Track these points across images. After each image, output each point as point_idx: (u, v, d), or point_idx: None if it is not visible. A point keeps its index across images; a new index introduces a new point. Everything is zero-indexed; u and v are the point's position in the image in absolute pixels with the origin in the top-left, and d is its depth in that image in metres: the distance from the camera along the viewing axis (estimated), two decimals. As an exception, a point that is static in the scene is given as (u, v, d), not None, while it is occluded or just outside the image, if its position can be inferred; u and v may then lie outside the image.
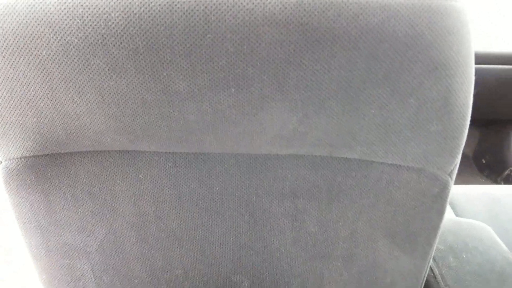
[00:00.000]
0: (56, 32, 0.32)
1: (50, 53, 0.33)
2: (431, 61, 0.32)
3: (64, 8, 0.31)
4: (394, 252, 0.47)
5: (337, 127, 0.37)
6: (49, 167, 0.42)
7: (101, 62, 0.32)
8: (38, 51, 0.33)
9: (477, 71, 0.38)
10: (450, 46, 0.32)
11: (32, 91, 0.35)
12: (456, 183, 0.47)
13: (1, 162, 0.42)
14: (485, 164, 1.81)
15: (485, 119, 1.72)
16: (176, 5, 0.30)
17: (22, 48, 0.33)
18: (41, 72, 0.34)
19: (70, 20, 0.31)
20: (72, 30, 0.31)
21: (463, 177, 1.77)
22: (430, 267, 0.60)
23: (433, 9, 0.31)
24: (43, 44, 0.32)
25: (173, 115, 0.36)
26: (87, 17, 0.31)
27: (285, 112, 0.35)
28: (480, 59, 1.43)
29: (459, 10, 0.32)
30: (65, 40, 0.32)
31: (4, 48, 0.33)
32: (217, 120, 0.36)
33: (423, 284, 0.51)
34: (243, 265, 0.49)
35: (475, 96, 0.40)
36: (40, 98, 0.36)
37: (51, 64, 0.33)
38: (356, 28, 0.30)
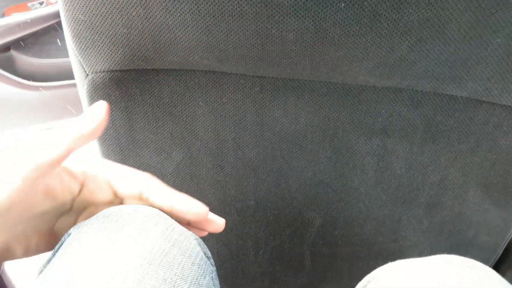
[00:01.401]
0: None
1: None
2: None
3: None
4: (485, 204, 0.43)
5: (452, 57, 0.32)
6: (134, 83, 0.41)
7: None
8: None
9: None
10: None
11: None
12: None
13: (88, 75, 0.41)
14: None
15: None
16: None
17: None
18: None
19: None
20: None
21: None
22: None
23: None
24: None
25: (270, 32, 0.33)
26: None
27: (397, 34, 0.31)
28: None
29: None
30: None
31: None
32: (317, 41, 0.33)
33: (508, 242, 0.48)
34: (317, 202, 0.47)
35: None
36: (132, 6, 0.34)
37: None
38: None
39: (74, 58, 0.41)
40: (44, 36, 1.40)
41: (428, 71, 0.34)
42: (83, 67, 0.41)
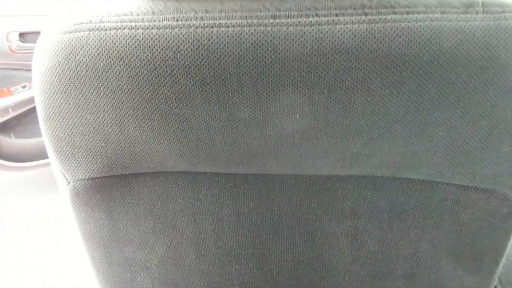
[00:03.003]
0: (126, 64, 0.32)
1: (119, 84, 0.34)
2: (506, 83, 0.31)
3: (135, 42, 0.32)
4: (457, 271, 0.45)
5: (402, 149, 0.36)
6: (114, 187, 0.43)
7: (169, 91, 0.33)
8: (108, 81, 0.34)
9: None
10: None
11: (101, 118, 0.36)
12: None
13: (69, 182, 0.44)
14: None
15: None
16: (244, 36, 0.30)
17: (93, 79, 0.34)
18: (111, 100, 0.35)
19: (140, 52, 0.32)
20: (141, 62, 0.32)
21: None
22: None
23: (510, 30, 0.29)
24: (113, 75, 0.33)
25: (236, 141, 0.36)
26: (157, 49, 0.31)
27: (350, 136, 0.35)
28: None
29: None
30: (134, 71, 0.33)
31: (77, 79, 0.34)
32: (280, 145, 0.36)
33: None
34: (300, 282, 0.48)
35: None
36: (108, 125, 0.37)
37: (120, 93, 0.34)
38: (428, 53, 0.29)
39: (55, 168, 0.43)
40: (27, 116, 1.43)
41: (383, 161, 0.37)
42: (64, 176, 0.43)
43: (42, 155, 1.49)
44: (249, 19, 0.30)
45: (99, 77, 0.34)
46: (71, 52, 0.33)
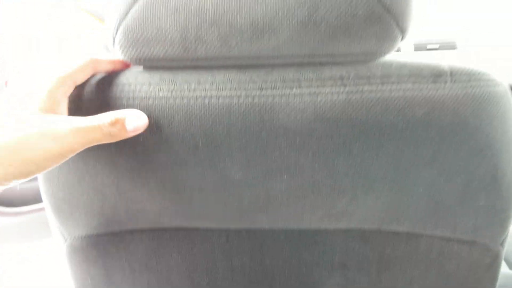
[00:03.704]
0: None
1: (118, 149, 0.36)
2: (477, 144, 0.33)
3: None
4: None
5: (385, 205, 0.38)
6: (110, 243, 0.44)
7: (164, 156, 0.35)
8: (107, 147, 0.36)
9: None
10: (495, 129, 0.33)
11: (99, 179, 0.38)
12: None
13: (66, 240, 0.45)
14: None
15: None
16: (233, 107, 0.33)
17: (93, 145, 0.36)
18: (109, 164, 0.37)
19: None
20: None
21: None
22: None
23: (476, 97, 0.32)
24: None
25: (227, 200, 0.38)
26: (153, 118, 0.34)
27: (335, 194, 0.37)
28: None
29: (501, 94, 0.33)
30: (132, 138, 0.35)
31: None
32: (269, 203, 0.38)
33: None
34: None
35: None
36: (106, 186, 0.39)
37: (119, 158, 0.36)
38: (403, 120, 0.32)
39: (53, 225, 0.45)
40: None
41: (368, 216, 0.39)
42: (62, 234, 0.44)
43: (36, 199, 1.49)
44: (237, 91, 0.33)
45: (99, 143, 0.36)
46: None
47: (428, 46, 1.35)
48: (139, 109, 0.34)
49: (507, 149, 0.34)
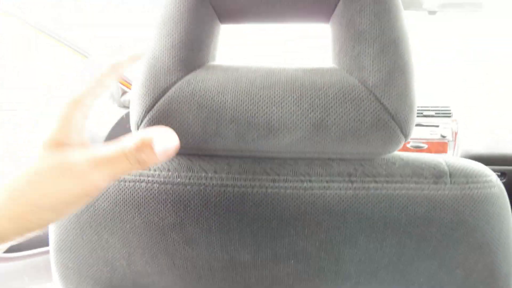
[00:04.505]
0: (140, 212, 0.37)
1: (132, 227, 0.37)
2: (475, 241, 0.35)
3: (150, 194, 0.36)
4: None
5: None
6: None
7: (177, 236, 0.37)
8: (122, 224, 0.38)
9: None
10: (492, 227, 0.35)
11: (111, 253, 0.40)
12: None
13: (71, 308, 0.45)
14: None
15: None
16: (247, 196, 0.35)
17: (109, 221, 0.38)
18: (122, 240, 0.38)
19: (155, 204, 0.36)
20: (155, 212, 0.36)
21: None
22: None
23: (474, 198, 0.35)
24: (127, 219, 0.37)
25: (235, 279, 0.39)
26: (170, 202, 0.36)
27: (339, 279, 0.38)
28: None
29: (497, 195, 0.36)
30: (147, 218, 0.37)
31: (93, 221, 0.38)
32: (275, 284, 0.39)
33: None
34: None
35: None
36: (117, 259, 0.40)
37: (132, 235, 0.38)
38: (406, 216, 0.34)
39: None
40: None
41: None
42: None
43: (30, 245, 1.47)
44: (252, 181, 0.35)
45: (114, 220, 0.38)
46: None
47: (425, 113, 1.41)
48: (157, 194, 0.36)
49: (503, 246, 0.36)
